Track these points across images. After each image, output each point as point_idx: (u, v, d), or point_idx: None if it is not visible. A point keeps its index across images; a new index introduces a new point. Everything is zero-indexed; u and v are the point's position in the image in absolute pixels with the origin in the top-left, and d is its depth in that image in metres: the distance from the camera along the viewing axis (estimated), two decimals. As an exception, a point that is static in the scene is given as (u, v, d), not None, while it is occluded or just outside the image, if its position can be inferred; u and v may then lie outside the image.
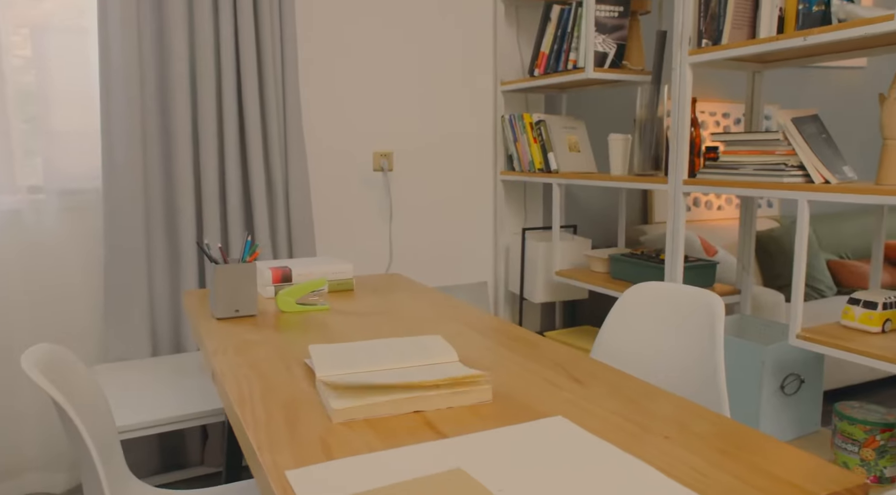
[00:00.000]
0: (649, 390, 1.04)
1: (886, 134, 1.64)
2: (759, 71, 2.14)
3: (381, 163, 2.59)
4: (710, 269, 2.21)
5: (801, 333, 1.68)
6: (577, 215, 3.04)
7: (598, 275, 2.45)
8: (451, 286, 2.79)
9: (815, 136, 1.78)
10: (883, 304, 1.67)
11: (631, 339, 1.48)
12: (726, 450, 0.82)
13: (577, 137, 2.55)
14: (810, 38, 1.60)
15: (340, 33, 2.46)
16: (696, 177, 2.01)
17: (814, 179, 1.72)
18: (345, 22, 2.46)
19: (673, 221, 2.01)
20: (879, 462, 1.64)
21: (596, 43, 2.27)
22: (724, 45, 1.81)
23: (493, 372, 1.11)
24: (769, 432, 1.84)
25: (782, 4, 1.72)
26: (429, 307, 1.59)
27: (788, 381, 1.87)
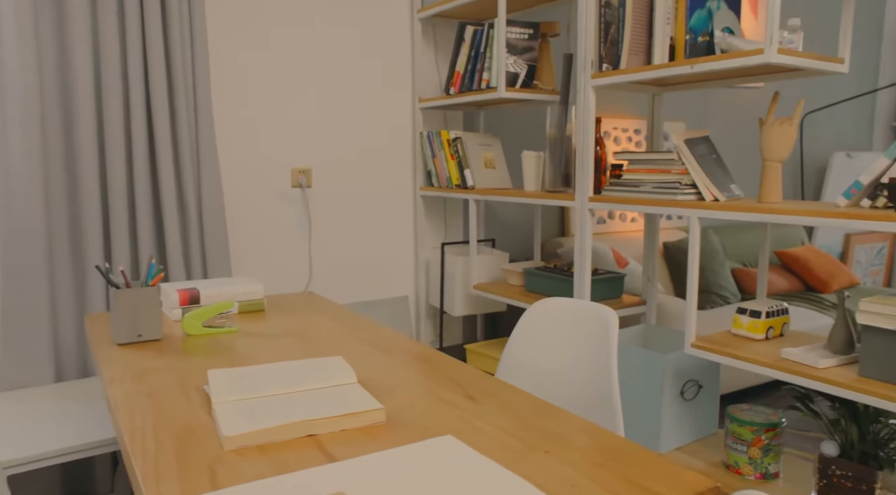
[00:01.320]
0: (538, 405, 1.09)
1: (766, 155, 1.77)
2: (659, 93, 2.27)
3: (299, 179, 2.58)
4: (617, 281, 2.31)
5: (695, 342, 1.79)
6: (496, 229, 3.12)
7: (514, 288, 2.52)
8: (372, 301, 2.80)
9: (705, 157, 1.90)
10: (766, 313, 1.79)
11: (535, 354, 1.54)
12: (601, 463, 0.88)
13: (493, 154, 2.62)
14: (696, 67, 1.71)
15: (256, 49, 2.45)
16: (601, 193, 2.10)
17: (704, 197, 1.83)
18: (261, 38, 2.45)
19: (580, 237, 2.09)
20: (765, 459, 1.76)
21: (507, 63, 2.35)
22: (623, 70, 1.91)
23: (392, 392, 1.14)
24: (670, 436, 1.94)
25: (673, 34, 1.84)
26: (338, 326, 1.60)
27: (687, 387, 1.98)
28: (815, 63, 1.63)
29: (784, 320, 1.83)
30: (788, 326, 1.85)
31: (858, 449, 1.58)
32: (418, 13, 2.73)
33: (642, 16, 1.90)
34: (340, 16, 2.60)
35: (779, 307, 1.82)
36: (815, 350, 1.64)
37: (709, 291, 3.30)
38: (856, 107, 4.54)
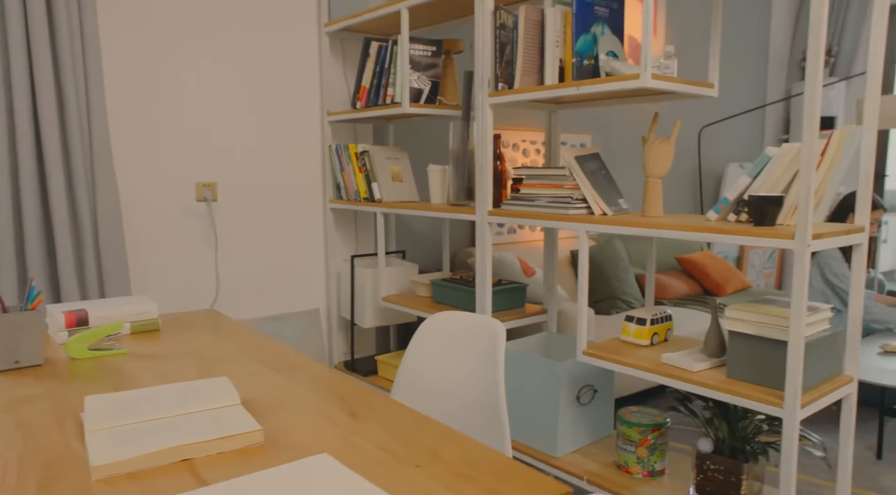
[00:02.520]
0: (417, 420, 1.13)
1: (648, 172, 1.89)
2: (555, 110, 2.37)
3: (203, 193, 2.54)
4: (520, 291, 2.39)
5: (586, 350, 1.88)
6: (407, 241, 3.16)
7: (422, 299, 2.56)
8: (283, 315, 2.78)
9: (595, 173, 2.01)
10: (651, 320, 1.91)
11: (428, 367, 1.58)
12: (466, 474, 0.92)
13: (401, 167, 2.66)
14: (582, 88, 1.81)
15: (156, 60, 2.39)
16: (501, 207, 2.18)
17: (594, 211, 1.93)
18: (161, 48, 2.40)
19: (480, 249, 2.16)
20: (651, 458, 1.87)
21: (411, 79, 2.39)
22: (517, 90, 1.99)
23: (276, 412, 1.15)
24: (566, 439, 2.03)
25: (562, 56, 1.93)
26: (234, 345, 1.60)
27: (583, 392, 2.07)
28: (686, 87, 1.76)
29: (668, 326, 1.95)
30: (672, 332, 1.97)
31: (729, 445, 1.71)
32: (326, 27, 2.74)
33: (534, 38, 1.99)
34: (246, 27, 2.58)
35: (663, 314, 1.94)
36: (692, 354, 1.76)
37: (614, 297, 3.45)
38: (748, 121, 4.85)
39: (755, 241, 1.49)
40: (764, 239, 1.48)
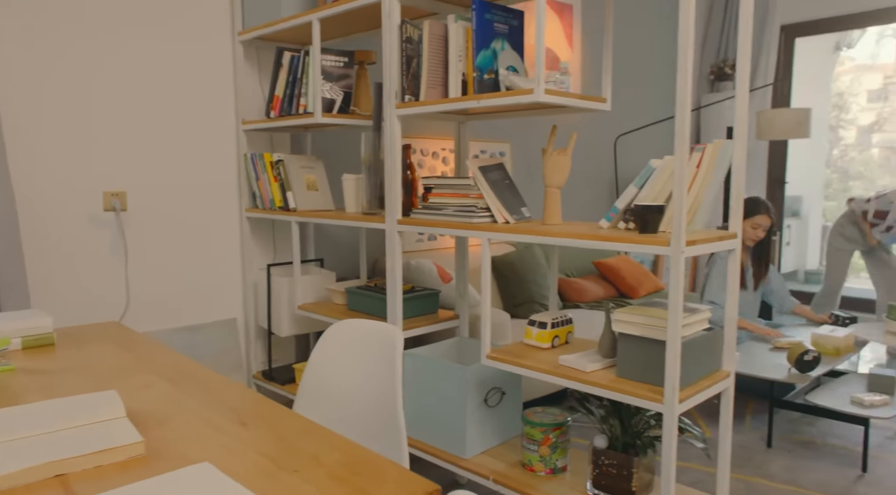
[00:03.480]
0: (305, 427, 1.16)
1: (547, 182, 1.97)
2: (464, 121, 2.44)
3: (112, 202, 2.48)
4: (432, 298, 2.45)
5: (489, 354, 1.95)
6: (326, 248, 3.17)
7: (338, 307, 2.58)
8: (198, 325, 2.74)
9: (499, 182, 2.08)
10: (552, 323, 1.99)
11: (330, 375, 1.61)
12: (342, 477, 0.96)
13: (316, 176, 2.68)
14: (482, 101, 1.88)
15: (58, 66, 2.33)
16: (410, 216, 2.23)
17: (497, 220, 2.00)
18: (70, 56, 2.34)
19: (390, 257, 2.20)
20: (553, 456, 1.96)
21: (323, 90, 2.42)
22: (423, 102, 2.04)
23: (164, 423, 1.16)
24: (475, 441, 2.09)
25: (465, 70, 2.00)
26: (131, 358, 1.58)
27: (491, 394, 2.14)
28: (579, 102, 1.85)
29: (568, 329, 2.05)
30: (573, 334, 2.07)
31: (622, 440, 1.81)
32: (239, 36, 2.73)
33: (439, 52, 2.05)
34: (157, 32, 2.54)
35: (563, 318, 2.03)
36: (588, 355, 1.85)
37: (532, 301, 3.55)
38: (662, 130, 5.09)
39: (636, 248, 1.59)
40: (644, 246, 1.58)
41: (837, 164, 13.49)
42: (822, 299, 4.39)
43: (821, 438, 2.82)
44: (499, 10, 1.94)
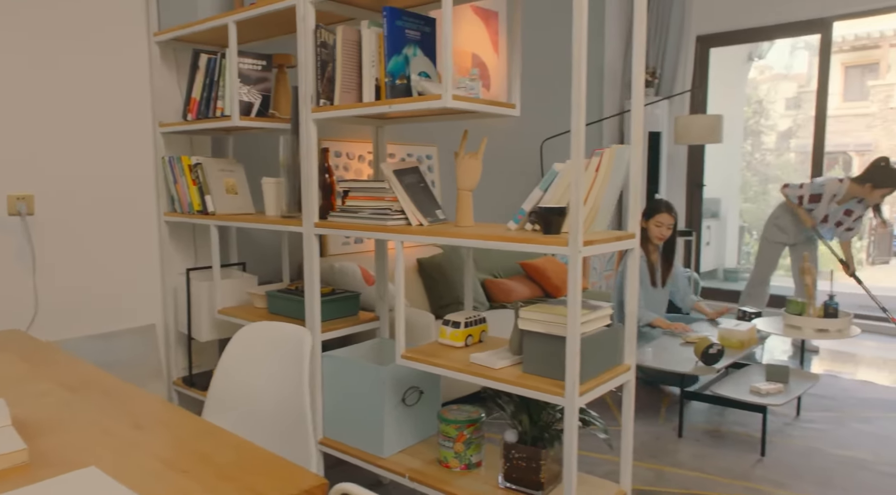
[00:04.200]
0: (202, 428, 1.17)
1: (460, 185, 2.03)
2: (382, 125, 2.48)
3: (17, 206, 2.40)
4: (353, 300, 2.47)
5: (404, 354, 1.99)
6: (249, 252, 3.14)
7: (259, 310, 2.57)
8: (114, 332, 2.68)
9: (413, 185, 2.12)
10: (465, 323, 2.05)
11: (240, 376, 1.62)
12: (231, 475, 0.98)
13: (236, 180, 2.66)
14: (393, 107, 1.92)
15: (-46, 67, 2.24)
16: (328, 219, 2.24)
17: (411, 222, 2.05)
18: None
19: (308, 260, 2.21)
20: (467, 452, 2.01)
21: (241, 93, 2.41)
22: (337, 106, 2.07)
23: (55, 430, 1.14)
24: (393, 440, 2.13)
25: (378, 75, 2.04)
26: (28, 366, 1.54)
27: (409, 394, 2.18)
28: (487, 108, 1.92)
29: (482, 328, 2.10)
30: (486, 333, 2.13)
31: (531, 434, 1.88)
32: (155, 36, 2.68)
33: (353, 57, 2.08)
34: (66, 31, 2.47)
35: (476, 317, 2.09)
36: (499, 353, 1.92)
37: (459, 302, 3.61)
38: (588, 133, 5.25)
39: (538, 249, 1.66)
40: (546, 246, 1.65)
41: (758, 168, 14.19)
42: (751, 290, 4.40)
43: (727, 427, 2.98)
44: (410, 17, 1.99)
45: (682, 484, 2.47)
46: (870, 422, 3.03)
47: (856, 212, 3.96)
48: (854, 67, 15.86)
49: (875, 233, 12.18)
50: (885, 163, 3.82)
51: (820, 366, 3.97)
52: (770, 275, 4.36)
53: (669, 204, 3.47)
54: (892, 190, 3.80)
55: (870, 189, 3.81)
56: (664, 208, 3.43)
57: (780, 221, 4.21)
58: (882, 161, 3.82)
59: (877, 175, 3.80)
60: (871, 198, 3.84)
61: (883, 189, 3.80)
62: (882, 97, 14.79)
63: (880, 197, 3.83)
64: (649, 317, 3.33)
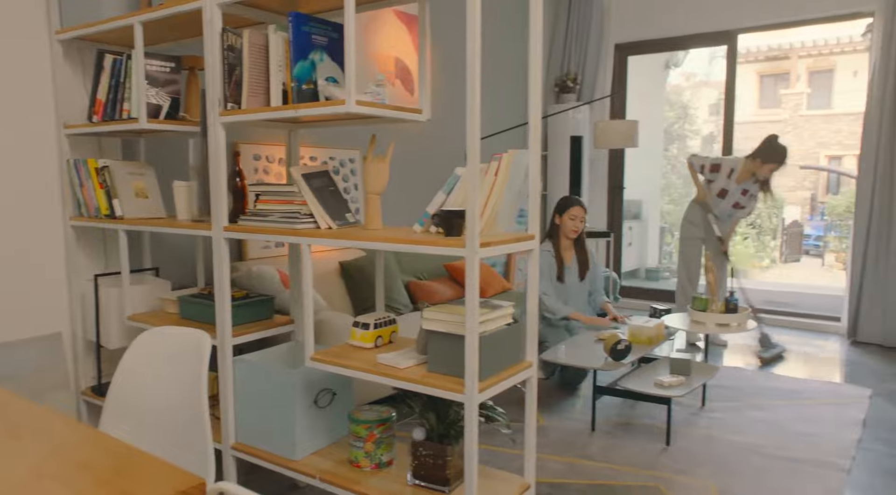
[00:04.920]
0: (84, 435, 1.16)
1: (368, 189, 2.06)
2: (295, 129, 2.48)
3: None
4: (267, 303, 2.46)
5: (313, 356, 2.00)
6: (163, 257, 3.08)
7: (171, 316, 2.52)
8: (17, 341, 2.57)
9: (322, 189, 2.14)
10: (374, 324, 2.08)
11: (139, 383, 1.60)
12: (106, 480, 0.98)
13: (145, 183, 2.60)
14: (300, 111, 1.93)
15: None
16: (238, 223, 2.23)
17: (320, 225, 2.06)
18: None
19: (218, 265, 2.19)
20: (378, 451, 2.04)
21: (149, 95, 2.36)
22: (244, 110, 2.06)
23: (-73, 443, 1.11)
24: (305, 442, 2.13)
25: (285, 80, 2.05)
26: None
27: (321, 396, 2.19)
28: (393, 113, 1.96)
29: (392, 329, 2.14)
30: (397, 334, 2.16)
31: (438, 432, 1.93)
32: (57, 35, 2.60)
33: (260, 61, 2.08)
34: (-46, 32, 2.37)
35: (386, 319, 2.12)
36: (406, 353, 1.96)
37: (382, 304, 3.63)
38: (513, 137, 5.37)
39: (438, 250, 1.71)
40: (445, 248, 1.70)
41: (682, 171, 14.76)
42: (680, 291, 4.43)
43: (638, 419, 3.12)
44: (317, 23, 2.01)
45: (590, 475, 2.57)
46: (766, 410, 3.23)
47: (750, 192, 4.17)
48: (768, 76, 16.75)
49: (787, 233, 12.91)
50: (774, 139, 4.06)
51: (729, 358, 4.19)
52: (696, 273, 4.39)
53: (579, 198, 3.65)
54: (778, 165, 4.01)
55: (759, 164, 4.03)
56: (575, 202, 3.60)
57: (690, 214, 4.34)
58: (772, 137, 4.06)
59: (765, 150, 4.03)
60: (761, 173, 4.06)
61: (770, 164, 4.02)
62: (792, 105, 15.68)
63: (769, 172, 4.05)
64: (566, 310, 3.45)
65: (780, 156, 4.00)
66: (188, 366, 1.54)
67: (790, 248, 12.56)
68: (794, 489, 2.44)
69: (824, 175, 15.17)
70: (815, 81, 15.46)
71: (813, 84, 15.48)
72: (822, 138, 15.01)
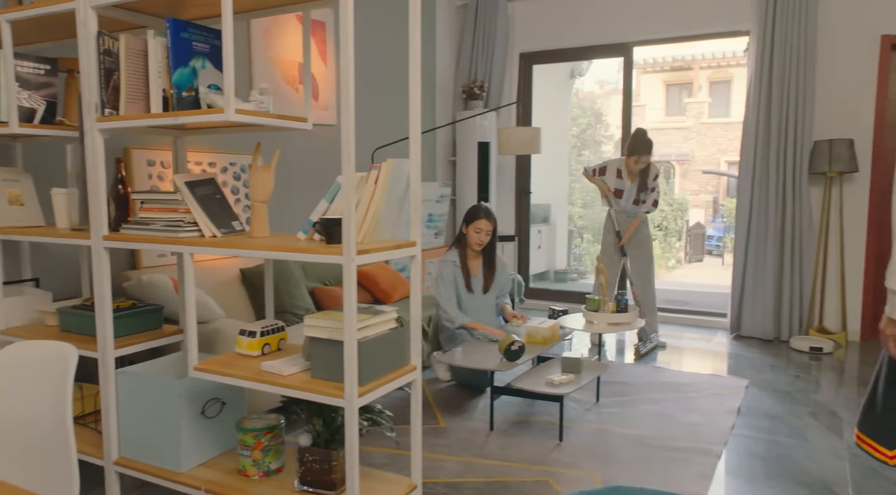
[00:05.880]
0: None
1: (253, 197, 2.06)
2: (181, 136, 2.44)
3: None
4: (155, 313, 2.40)
5: (197, 366, 1.97)
6: (44, 267, 2.94)
7: (50, 329, 2.42)
8: None
9: (208, 197, 2.12)
10: (261, 332, 2.07)
11: (1, 398, 1.54)
12: (-62, 502, 0.95)
13: (21, 190, 2.49)
14: (179, 119, 1.91)
15: None
16: (119, 231, 2.17)
17: (205, 234, 2.04)
18: None
19: (98, 276, 2.13)
20: (266, 459, 2.04)
21: (21, 98, 2.27)
22: (123, 116, 2.02)
23: None
24: (191, 454, 2.10)
25: (166, 86, 2.01)
26: None
27: (209, 406, 2.16)
28: (275, 122, 1.96)
29: (280, 336, 2.14)
30: (286, 341, 2.17)
31: (324, 437, 1.95)
32: (-79, 33, 2.44)
33: (139, 67, 2.04)
34: None
35: (274, 326, 2.12)
36: (292, 360, 1.96)
37: (284, 311, 3.61)
38: (422, 142, 5.44)
39: (317, 258, 1.74)
40: (324, 256, 1.73)
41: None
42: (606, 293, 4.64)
43: (535, 416, 3.24)
44: (197, 30, 1.99)
45: (486, 473, 2.65)
46: (655, 403, 3.42)
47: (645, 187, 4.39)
48: (673, 85, 17.64)
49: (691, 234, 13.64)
50: (639, 132, 4.27)
51: (629, 355, 4.40)
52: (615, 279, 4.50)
53: (489, 210, 3.65)
54: (643, 155, 4.21)
55: (629, 157, 4.28)
56: (483, 214, 3.61)
57: (606, 222, 4.57)
58: (637, 130, 4.28)
59: (632, 143, 4.25)
60: (635, 167, 4.27)
61: (635, 155, 4.23)
62: (696, 113, 16.59)
63: (636, 163, 4.26)
64: (463, 319, 3.51)
65: (643, 147, 4.20)
66: (52, 381, 1.50)
67: (694, 249, 13.27)
68: (671, 475, 2.61)
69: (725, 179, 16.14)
70: (716, 91, 16.42)
71: (713, 93, 16.44)
72: (723, 144, 15.97)
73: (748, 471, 2.65)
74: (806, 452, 2.82)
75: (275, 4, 2.07)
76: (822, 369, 4.06)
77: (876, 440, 1.64)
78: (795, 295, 4.64)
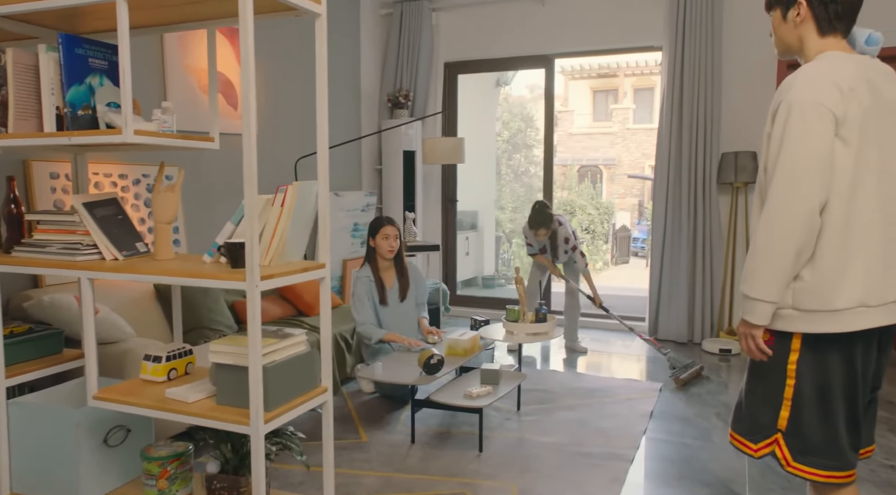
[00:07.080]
0: None
1: (157, 219, 2.00)
2: (81, 153, 2.34)
3: None
4: (55, 337, 2.30)
5: (96, 395, 1.90)
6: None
7: (-62, 357, 2.27)
8: None
9: (109, 218, 2.05)
10: (167, 357, 2.02)
11: None
12: None
13: None
14: (74, 139, 1.84)
15: None
16: (11, 254, 2.07)
17: (106, 257, 1.97)
18: None
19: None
20: (172, 488, 1.99)
21: None
22: (11, 135, 1.92)
23: None
24: (91, 485, 2.02)
25: (60, 104, 1.93)
26: None
27: (112, 434, 2.09)
28: (178, 142, 1.92)
29: (188, 360, 2.09)
30: (194, 365, 2.12)
31: (233, 464, 1.91)
32: None
33: (30, 83, 1.95)
34: None
35: (182, 350, 2.07)
36: (198, 386, 1.92)
37: (202, 326, 3.51)
38: (347, 151, 5.41)
39: (219, 284, 1.71)
40: (226, 281, 1.70)
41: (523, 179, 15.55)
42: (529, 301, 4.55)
43: (456, 428, 3.27)
44: (93, 46, 1.92)
45: (406, 487, 2.66)
46: (573, 410, 3.52)
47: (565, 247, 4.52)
48: (600, 92, 18.17)
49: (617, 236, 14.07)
50: (537, 206, 4.37)
51: (553, 362, 4.51)
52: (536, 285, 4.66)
53: (390, 217, 3.71)
54: (538, 230, 4.33)
55: (531, 230, 4.39)
56: (386, 221, 3.65)
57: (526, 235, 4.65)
58: (535, 204, 4.38)
59: (530, 219, 4.38)
60: (538, 239, 4.40)
61: (534, 229, 4.35)
62: (621, 119, 17.14)
63: (535, 236, 4.38)
64: (379, 334, 3.51)
65: (540, 223, 4.32)
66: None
67: (620, 251, 13.71)
68: (585, 481, 2.69)
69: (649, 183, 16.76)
70: (640, 98, 17.04)
71: (637, 100, 17.05)
72: (647, 150, 16.57)
73: (659, 474, 2.77)
74: (711, 453, 2.97)
75: (177, 20, 2.02)
76: (731, 370, 4.28)
77: (745, 437, 1.79)
78: (707, 298, 4.87)
